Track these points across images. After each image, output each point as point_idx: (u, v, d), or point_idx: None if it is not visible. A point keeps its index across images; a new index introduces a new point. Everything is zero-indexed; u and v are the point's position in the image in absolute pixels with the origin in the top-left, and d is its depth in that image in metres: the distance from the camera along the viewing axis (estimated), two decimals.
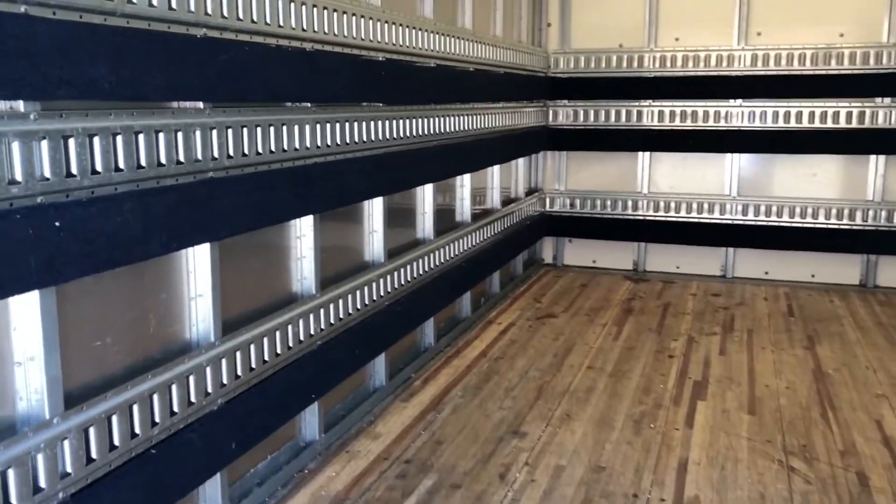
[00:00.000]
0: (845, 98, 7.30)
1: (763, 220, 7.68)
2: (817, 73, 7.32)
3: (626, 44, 7.88)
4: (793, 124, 7.46)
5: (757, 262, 7.82)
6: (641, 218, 8.02)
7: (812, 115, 7.40)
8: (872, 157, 7.39)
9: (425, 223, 5.36)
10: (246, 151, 3.24)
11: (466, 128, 5.75)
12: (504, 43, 6.63)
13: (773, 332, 6.17)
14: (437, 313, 5.54)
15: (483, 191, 6.68)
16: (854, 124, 7.30)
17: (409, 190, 5.14)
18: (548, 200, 8.29)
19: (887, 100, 7.21)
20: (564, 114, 8.11)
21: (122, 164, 2.57)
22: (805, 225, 7.55)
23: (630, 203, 8.05)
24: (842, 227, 7.46)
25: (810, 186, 7.61)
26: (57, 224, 2.29)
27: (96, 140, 2.47)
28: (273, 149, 3.42)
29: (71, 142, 2.38)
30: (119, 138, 2.56)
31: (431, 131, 5.11)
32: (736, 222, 7.75)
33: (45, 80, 2.26)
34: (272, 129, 3.40)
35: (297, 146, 3.60)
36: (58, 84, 2.30)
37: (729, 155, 7.76)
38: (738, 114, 7.61)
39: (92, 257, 2.45)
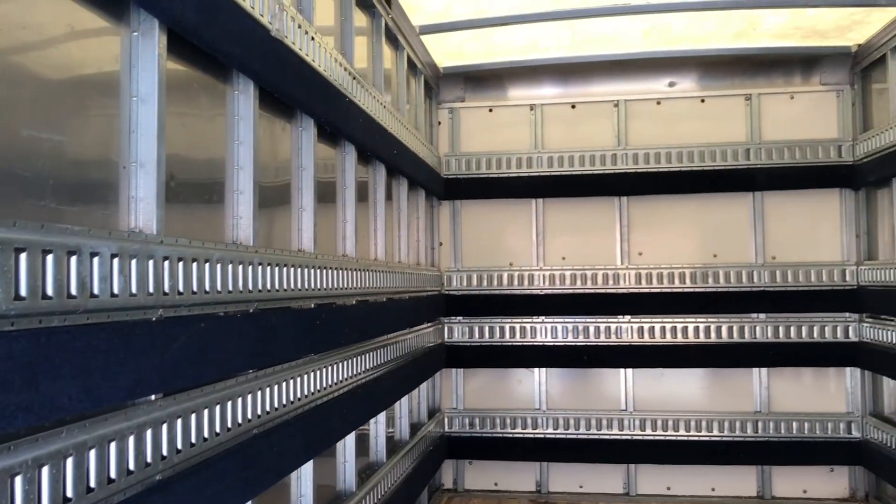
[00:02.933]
0: (724, 314, 7.71)
1: (660, 435, 7.72)
2: (697, 290, 7.73)
3: (515, 262, 8.05)
4: (679, 339, 7.74)
5: (659, 478, 7.77)
6: (542, 436, 7.86)
7: (696, 329, 7.73)
8: (755, 370, 7.72)
9: (346, 473, 4.89)
10: (193, 441, 2.79)
11: (381, 362, 5.47)
12: (409, 268, 6.56)
13: None
14: None
15: (390, 421, 6.31)
16: (735, 338, 7.67)
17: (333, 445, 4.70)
18: (446, 421, 7.98)
19: (762, 315, 7.68)
20: (460, 330, 8.03)
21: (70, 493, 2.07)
22: (700, 438, 7.65)
23: (530, 421, 7.90)
24: (735, 438, 7.62)
25: (700, 399, 7.81)
26: None
27: (45, 470, 1.98)
28: (218, 430, 2.98)
29: (18, 479, 1.89)
30: (70, 461, 2.08)
31: (355, 372, 4.79)
32: (635, 438, 7.74)
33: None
34: (218, 408, 2.98)
35: (240, 420, 3.18)
36: (13, 413, 1.84)
37: (622, 370, 7.88)
38: (628, 329, 7.82)
39: None
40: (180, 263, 2.74)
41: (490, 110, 8.25)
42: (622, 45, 7.56)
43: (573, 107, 8.14)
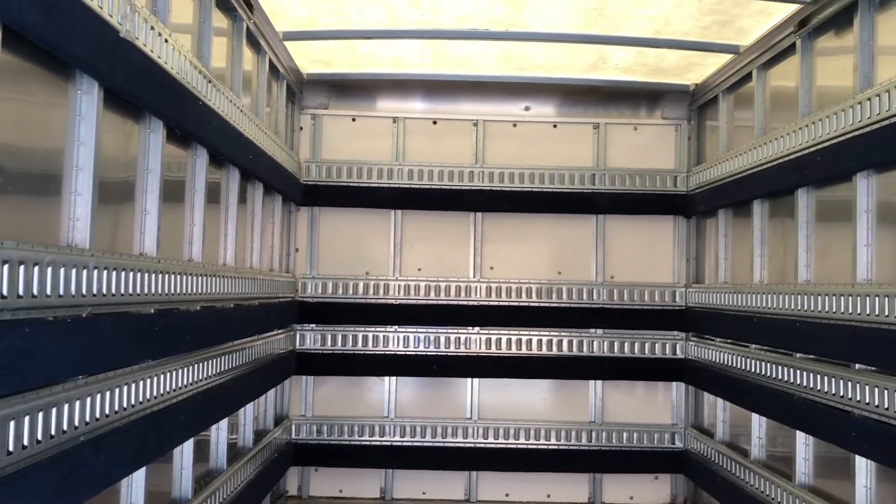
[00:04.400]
0: (566, 328, 8.13)
1: (502, 443, 8.04)
2: (541, 305, 8.12)
3: (372, 272, 8.16)
4: (524, 351, 8.10)
5: (499, 485, 8.08)
6: (388, 444, 8.00)
7: (540, 342, 8.11)
8: (591, 382, 8.19)
9: (183, 480, 4.82)
10: (11, 449, 2.72)
11: (225, 368, 5.42)
12: (261, 274, 6.53)
13: None
14: None
15: (234, 427, 6.25)
16: (575, 352, 8.11)
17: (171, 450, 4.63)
18: (294, 427, 7.96)
19: (600, 331, 8.16)
20: (312, 338, 8.05)
21: None
22: (539, 446, 8.03)
23: (378, 428, 8.01)
24: (570, 447, 8.04)
25: (541, 409, 8.19)
26: None
27: None
28: (40, 437, 2.91)
29: None
30: None
31: (196, 379, 4.74)
32: (478, 445, 8.02)
33: None
34: (41, 415, 2.92)
35: (65, 427, 3.11)
36: None
37: (470, 380, 8.15)
38: (477, 340, 8.10)
39: None
40: (5, 266, 2.67)
41: (354, 119, 8.34)
42: (481, 68, 7.85)
43: (435, 122, 8.36)
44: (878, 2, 5.02)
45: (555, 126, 8.40)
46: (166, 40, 4.07)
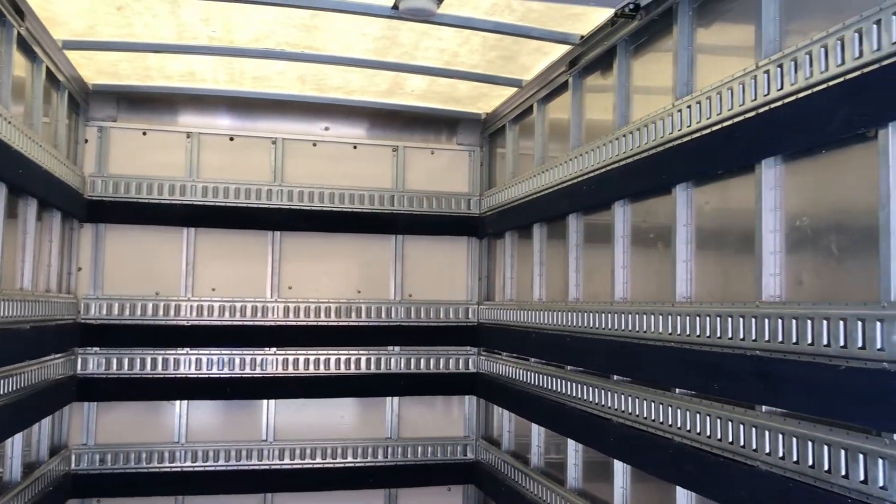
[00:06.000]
0: (364, 347, 8.26)
1: (298, 463, 8.00)
2: (340, 324, 8.20)
3: (162, 292, 7.87)
4: (321, 370, 8.12)
5: None
6: (179, 469, 7.71)
7: (338, 361, 8.17)
8: (388, 399, 8.36)
9: None
10: None
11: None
12: (33, 296, 6.11)
13: None
14: None
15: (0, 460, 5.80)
16: (373, 369, 8.25)
17: None
18: (73, 458, 7.48)
19: (397, 348, 8.36)
20: (96, 362, 7.61)
21: None
22: (336, 465, 8.07)
23: (167, 454, 7.71)
24: (367, 464, 8.16)
25: (338, 428, 8.24)
26: None
27: None
28: None
29: None
30: None
31: None
32: (273, 467, 7.93)
33: None
34: None
35: None
36: None
37: (266, 401, 8.05)
38: (274, 361, 8.02)
39: None
40: None
41: (144, 133, 8.02)
42: (279, 87, 7.84)
43: (232, 139, 8.23)
44: (633, 48, 5.58)
45: (355, 147, 8.54)
46: None
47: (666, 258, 4.86)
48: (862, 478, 3.15)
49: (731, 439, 4.00)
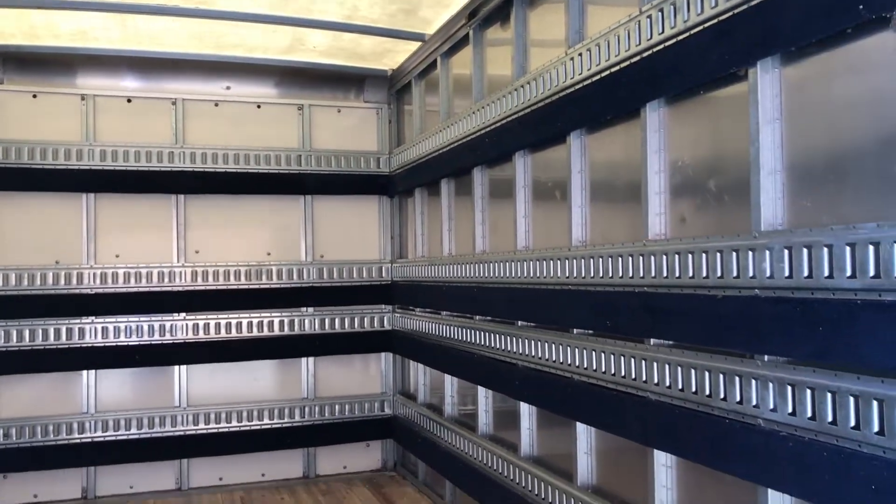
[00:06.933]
0: (277, 309, 8.21)
1: (213, 428, 7.94)
2: (251, 287, 8.12)
3: (62, 260, 7.62)
4: (234, 334, 8.05)
5: (211, 470, 7.98)
6: (89, 440, 7.56)
7: (250, 324, 8.11)
8: (303, 360, 8.35)
9: None
10: None
11: None
12: None
13: None
14: None
15: None
16: (286, 331, 8.22)
17: None
18: None
19: (311, 309, 8.33)
20: None
21: None
22: (252, 428, 8.05)
23: (76, 426, 7.53)
24: (284, 425, 8.16)
25: (254, 390, 8.20)
26: None
27: None
28: None
29: None
30: None
31: None
32: (188, 433, 7.85)
33: None
34: None
35: None
36: None
37: (177, 367, 7.93)
38: (183, 327, 7.90)
39: None
40: None
41: (35, 96, 7.68)
42: (176, 45, 7.61)
43: (129, 101, 7.97)
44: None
45: (259, 107, 8.38)
46: None
47: (564, 206, 4.98)
48: (738, 398, 3.35)
49: (623, 373, 4.18)
